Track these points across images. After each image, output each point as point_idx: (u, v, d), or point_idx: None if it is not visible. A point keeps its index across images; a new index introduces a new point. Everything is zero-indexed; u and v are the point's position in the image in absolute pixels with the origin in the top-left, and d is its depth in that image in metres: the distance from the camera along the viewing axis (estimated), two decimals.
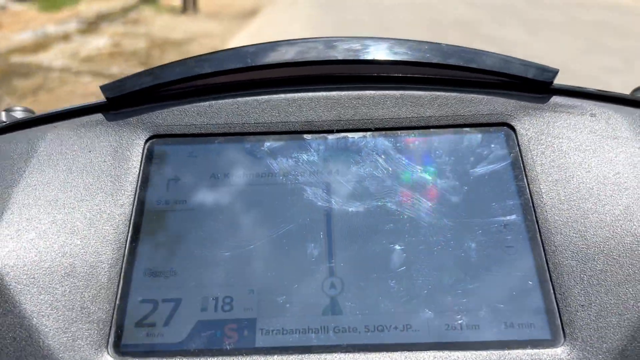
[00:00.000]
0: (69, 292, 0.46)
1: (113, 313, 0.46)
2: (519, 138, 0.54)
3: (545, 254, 0.47)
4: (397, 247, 0.49)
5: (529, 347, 0.44)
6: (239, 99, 0.56)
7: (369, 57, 0.57)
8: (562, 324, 0.44)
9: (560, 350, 0.43)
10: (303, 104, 0.56)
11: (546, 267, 0.47)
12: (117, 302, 0.46)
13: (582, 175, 0.51)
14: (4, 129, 0.58)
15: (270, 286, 0.47)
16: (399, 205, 0.51)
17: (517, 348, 0.44)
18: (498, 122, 0.55)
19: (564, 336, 0.44)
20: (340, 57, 0.57)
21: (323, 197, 0.52)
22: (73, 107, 0.58)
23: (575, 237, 0.47)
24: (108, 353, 0.44)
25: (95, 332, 0.45)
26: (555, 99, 0.56)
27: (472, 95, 0.56)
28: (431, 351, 0.44)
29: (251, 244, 0.49)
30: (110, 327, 0.45)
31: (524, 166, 0.52)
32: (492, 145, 0.54)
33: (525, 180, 0.51)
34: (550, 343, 0.44)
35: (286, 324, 0.45)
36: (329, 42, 0.58)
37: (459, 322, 0.45)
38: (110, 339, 0.45)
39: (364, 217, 0.50)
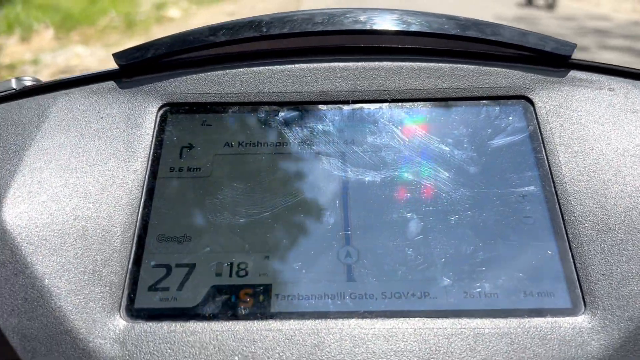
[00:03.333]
0: (81, 254, 0.45)
1: (125, 277, 0.45)
2: (537, 111, 0.53)
3: (564, 224, 0.47)
4: (414, 216, 0.48)
5: (548, 316, 0.43)
6: (254, 69, 0.56)
7: (386, 28, 0.56)
8: (582, 293, 0.44)
9: (581, 319, 0.43)
10: (319, 74, 0.55)
11: (565, 237, 0.46)
12: (130, 266, 0.46)
13: (602, 147, 0.50)
14: (14, 96, 0.57)
15: (285, 253, 0.46)
16: (416, 175, 0.50)
17: (537, 316, 0.43)
18: (516, 95, 0.54)
19: (585, 305, 0.43)
20: (357, 28, 0.56)
21: (339, 167, 0.51)
22: (85, 75, 0.57)
23: (595, 207, 0.47)
24: (120, 316, 0.43)
25: (108, 295, 0.44)
26: (574, 73, 0.56)
27: (490, 68, 0.55)
28: (449, 318, 0.43)
29: (266, 212, 0.48)
30: (123, 290, 0.45)
31: (542, 138, 0.51)
32: (510, 118, 0.53)
33: (543, 152, 0.51)
34: (571, 311, 0.43)
35: (302, 290, 0.45)
36: (346, 12, 0.58)
37: (477, 290, 0.44)
38: (122, 302, 0.44)
39: (380, 187, 0.50)
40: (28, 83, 0.62)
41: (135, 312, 0.44)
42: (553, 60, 0.56)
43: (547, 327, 0.42)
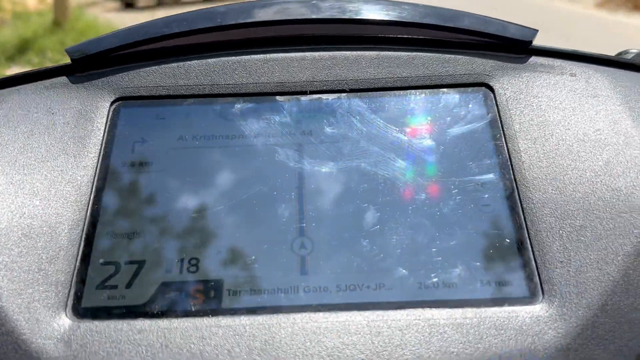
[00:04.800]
0: (26, 252, 0.44)
1: (73, 275, 0.44)
2: (497, 98, 0.52)
3: (523, 212, 0.46)
4: (371, 206, 0.47)
5: (506, 305, 0.42)
6: (209, 60, 0.55)
7: (344, 16, 0.55)
8: (540, 281, 0.43)
9: (538, 307, 0.42)
10: (275, 65, 0.54)
11: (524, 225, 0.45)
12: (77, 264, 0.44)
13: (562, 132, 0.49)
14: None
15: (238, 247, 0.45)
16: (374, 166, 0.49)
17: (494, 306, 0.42)
18: (476, 82, 0.53)
19: (542, 293, 0.42)
20: (313, 17, 0.55)
21: (295, 158, 0.50)
22: (36, 70, 0.56)
23: (554, 193, 0.46)
24: (66, 315, 0.42)
25: (53, 294, 0.43)
26: (535, 59, 0.55)
27: (450, 55, 0.54)
28: (405, 309, 0.42)
29: (219, 206, 0.47)
30: (70, 289, 0.43)
31: (502, 125, 0.51)
32: (470, 105, 0.52)
33: (503, 139, 0.50)
34: (528, 300, 0.42)
35: (254, 285, 0.44)
36: (303, 1, 0.56)
37: (434, 280, 0.43)
38: (69, 301, 0.43)
39: (336, 178, 0.49)
40: None
41: (82, 311, 0.43)
42: (514, 46, 0.55)
43: (504, 316, 0.41)
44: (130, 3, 9.19)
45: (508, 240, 0.45)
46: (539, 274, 0.43)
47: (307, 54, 0.55)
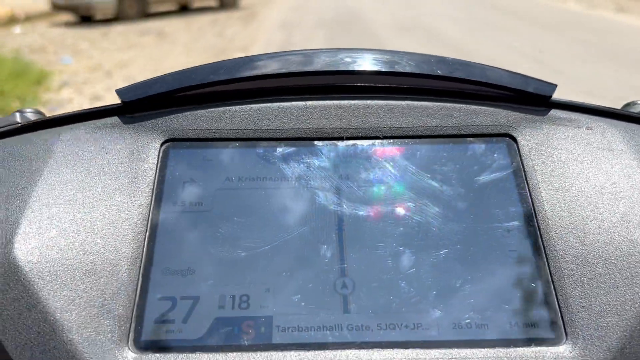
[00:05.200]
0: (90, 288, 0.47)
1: (133, 310, 0.47)
2: (520, 148, 0.56)
3: (547, 258, 0.50)
4: (407, 249, 0.51)
5: (533, 345, 0.46)
6: (253, 106, 0.58)
7: (378, 68, 0.59)
8: (563, 324, 0.47)
9: (562, 348, 0.46)
10: (314, 112, 0.58)
11: (548, 271, 0.49)
12: (137, 299, 0.48)
13: (581, 184, 0.53)
14: (19, 130, 0.59)
15: (285, 285, 0.49)
16: (408, 210, 0.53)
17: (523, 346, 0.46)
18: (500, 132, 0.57)
19: (566, 335, 0.46)
20: (349, 69, 0.59)
21: (334, 201, 0.54)
22: (88, 110, 0.59)
23: (575, 242, 0.50)
24: (129, 348, 0.45)
25: (116, 327, 0.46)
26: (554, 112, 0.59)
27: (476, 107, 0.59)
28: (441, 349, 0.46)
29: (266, 245, 0.51)
30: (131, 323, 0.47)
31: (525, 175, 0.55)
32: (495, 155, 0.56)
33: (526, 188, 0.54)
34: (553, 341, 0.46)
35: (301, 322, 0.47)
36: (340, 52, 0.61)
37: (467, 321, 0.47)
38: (130, 335, 0.46)
39: (373, 221, 0.52)
40: (32, 117, 0.64)
41: (143, 344, 0.46)
42: (535, 99, 0.59)
43: (531, 356, 0.45)
44: (88, 16, 9.10)
45: (533, 285, 0.49)
46: (562, 317, 0.47)
47: (344, 102, 0.59)
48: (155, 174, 0.54)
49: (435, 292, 0.49)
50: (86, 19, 9.49)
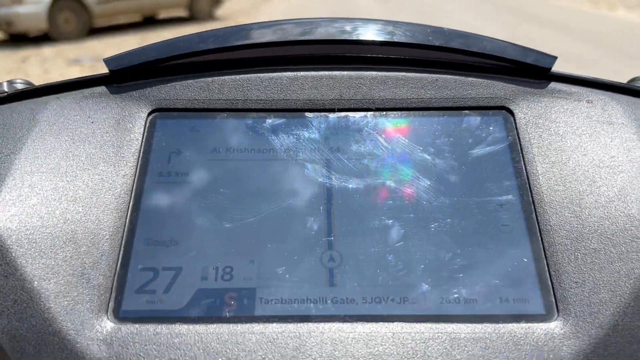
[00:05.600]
0: (70, 257, 0.46)
1: (113, 280, 0.46)
2: (517, 121, 0.55)
3: (540, 233, 0.48)
4: (396, 223, 0.49)
5: (523, 321, 0.45)
6: (243, 76, 0.57)
7: (372, 38, 0.58)
8: (555, 300, 0.45)
9: (553, 325, 0.44)
10: (305, 83, 0.57)
11: (541, 246, 0.48)
12: (118, 269, 0.47)
13: (578, 158, 0.52)
14: (5, 99, 0.58)
15: (269, 257, 0.48)
16: (399, 183, 0.52)
17: (512, 322, 0.45)
18: (497, 105, 0.56)
19: (558, 311, 0.45)
20: (343, 38, 0.58)
21: (323, 174, 0.52)
22: (76, 79, 0.58)
23: (571, 217, 0.48)
24: (108, 318, 0.45)
25: (96, 297, 0.45)
26: (553, 85, 0.57)
27: (472, 78, 0.57)
28: (428, 323, 0.44)
29: (252, 217, 0.50)
30: (111, 293, 0.46)
31: (521, 148, 0.53)
32: (491, 128, 0.55)
33: (522, 162, 0.52)
34: (544, 317, 0.45)
35: (285, 294, 0.46)
36: (332, 22, 0.59)
37: (455, 296, 0.46)
38: (110, 305, 0.45)
39: (363, 194, 0.51)
40: (20, 86, 0.63)
41: (123, 314, 0.45)
42: (534, 72, 0.58)
43: (521, 332, 0.44)
44: (20, 35, 7.27)
45: (526, 260, 0.47)
46: (554, 293, 0.46)
47: (336, 72, 0.57)
48: (141, 144, 0.53)
49: (423, 266, 0.47)
50: (18, 37, 7.44)
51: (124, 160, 0.52)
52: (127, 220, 0.49)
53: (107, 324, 0.44)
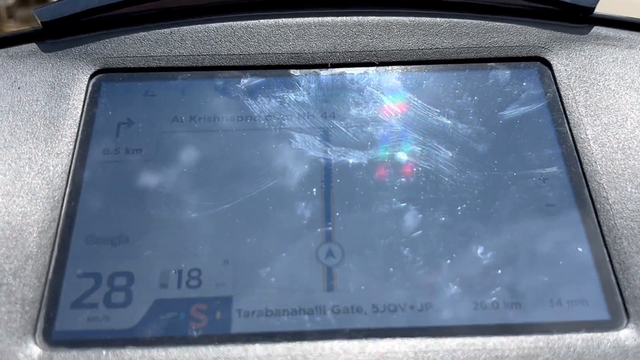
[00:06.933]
0: None
1: (43, 290, 0.35)
2: (556, 75, 0.44)
3: (596, 214, 0.38)
4: (411, 206, 0.39)
5: (582, 331, 0.34)
6: (209, 25, 0.46)
7: None
8: (623, 301, 0.35)
9: (623, 334, 0.34)
10: (289, 32, 0.46)
11: (599, 230, 0.37)
12: (50, 276, 0.36)
13: (638, 117, 0.41)
14: None
15: (249, 255, 0.37)
16: (413, 156, 0.41)
17: (568, 332, 0.34)
18: (530, 55, 0.45)
19: (627, 316, 0.35)
20: None
21: (316, 146, 0.41)
22: (0, 35, 0.47)
23: (634, 192, 0.38)
24: (35, 343, 0.33)
25: (19, 315, 0.34)
26: (598, 30, 0.47)
27: (497, 23, 0.46)
28: (459, 337, 0.34)
29: (225, 204, 0.39)
30: (40, 308, 0.35)
31: (564, 108, 0.42)
32: (524, 84, 0.44)
33: (566, 124, 0.42)
34: (610, 324, 0.34)
35: (271, 304, 0.35)
36: None
37: (493, 299, 0.35)
38: (38, 324, 0.34)
39: (368, 170, 0.40)
40: None
41: (55, 337, 0.34)
42: (572, 13, 0.47)
43: (581, 345, 0.33)
44: None
45: (580, 249, 0.37)
46: (620, 292, 0.35)
47: (328, 18, 0.47)
48: (82, 114, 0.42)
49: (449, 261, 0.37)
50: None
51: (59, 134, 0.41)
52: (63, 213, 0.38)
53: (34, 351, 0.33)
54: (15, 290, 0.35)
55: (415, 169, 0.40)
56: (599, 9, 0.47)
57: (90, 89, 0.43)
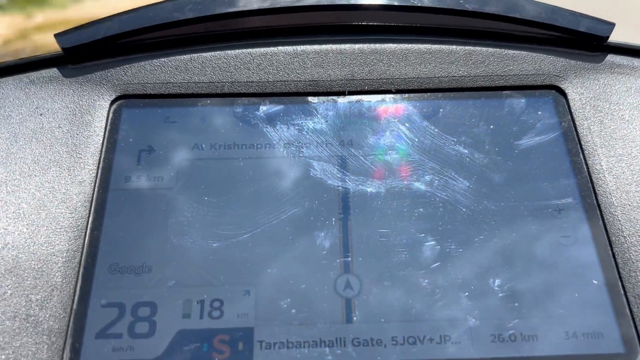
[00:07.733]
0: (11, 294, 0.36)
1: (69, 321, 0.36)
2: (571, 104, 0.44)
3: (611, 246, 0.38)
4: (429, 237, 0.39)
5: None
6: (229, 52, 0.46)
7: (389, 2, 0.47)
8: (637, 334, 0.36)
9: None
10: (307, 59, 0.46)
11: (613, 262, 0.38)
12: (74, 306, 0.36)
13: None
14: None
15: (270, 286, 0.37)
16: (430, 185, 0.41)
17: None
18: (545, 84, 0.46)
19: None
20: (354, 3, 0.47)
21: (334, 174, 0.42)
22: (21, 60, 0.47)
23: None
24: None
25: (46, 346, 0.35)
26: (612, 58, 0.47)
27: (513, 51, 0.47)
28: None
29: (245, 233, 0.39)
30: (65, 339, 0.35)
31: (578, 138, 0.43)
32: (539, 112, 0.44)
33: (581, 154, 0.42)
34: (625, 358, 0.35)
35: (291, 335, 0.36)
36: None
37: (510, 332, 0.36)
38: (65, 355, 0.35)
39: (386, 200, 0.41)
40: None
41: None
42: (587, 42, 0.47)
43: None
44: None
45: (596, 282, 0.37)
46: (635, 324, 0.36)
47: (346, 46, 0.47)
48: (103, 141, 0.42)
49: (467, 293, 0.37)
50: None
51: (82, 162, 0.41)
52: (86, 242, 0.38)
53: None
54: (42, 321, 0.35)
55: (432, 199, 0.41)
56: (613, 36, 0.47)
57: (111, 115, 0.44)
